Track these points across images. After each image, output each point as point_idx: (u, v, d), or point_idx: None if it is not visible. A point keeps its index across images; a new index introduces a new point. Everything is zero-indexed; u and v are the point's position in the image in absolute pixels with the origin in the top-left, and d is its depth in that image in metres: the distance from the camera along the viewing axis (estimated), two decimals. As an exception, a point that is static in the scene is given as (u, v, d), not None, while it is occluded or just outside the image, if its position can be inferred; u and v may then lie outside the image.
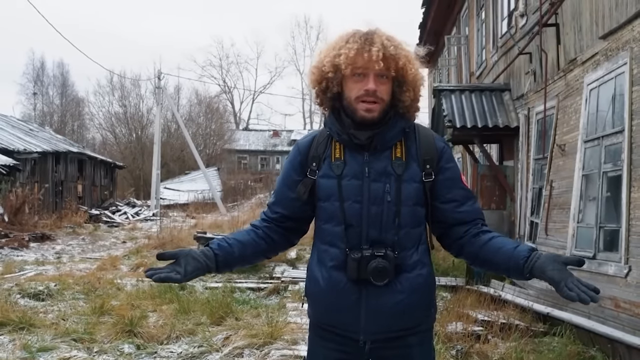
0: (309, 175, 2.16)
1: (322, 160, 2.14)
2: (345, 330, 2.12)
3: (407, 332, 2.14)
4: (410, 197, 2.08)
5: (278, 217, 2.24)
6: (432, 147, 2.14)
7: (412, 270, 2.10)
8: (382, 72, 2.04)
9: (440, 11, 15.57)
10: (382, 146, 2.10)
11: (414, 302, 2.11)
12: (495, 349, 5.54)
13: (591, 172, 6.66)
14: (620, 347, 5.19)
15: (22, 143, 23.68)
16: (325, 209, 2.13)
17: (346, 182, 2.09)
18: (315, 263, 2.18)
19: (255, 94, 65.84)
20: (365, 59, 2.02)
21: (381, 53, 2.02)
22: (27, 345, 5.59)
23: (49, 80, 54.97)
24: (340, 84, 2.10)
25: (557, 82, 7.91)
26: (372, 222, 2.07)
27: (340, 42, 2.09)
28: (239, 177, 45.12)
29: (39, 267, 11.56)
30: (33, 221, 19.16)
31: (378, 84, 2.05)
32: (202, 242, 11.31)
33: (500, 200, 10.19)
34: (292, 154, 2.25)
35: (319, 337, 2.22)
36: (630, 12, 5.74)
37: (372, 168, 2.08)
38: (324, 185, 2.12)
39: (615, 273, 5.71)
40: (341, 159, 2.11)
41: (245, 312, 7.06)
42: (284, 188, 2.23)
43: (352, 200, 2.07)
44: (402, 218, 2.07)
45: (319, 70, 2.12)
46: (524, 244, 2.10)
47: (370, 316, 2.08)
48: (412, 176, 2.10)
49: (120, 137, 48.63)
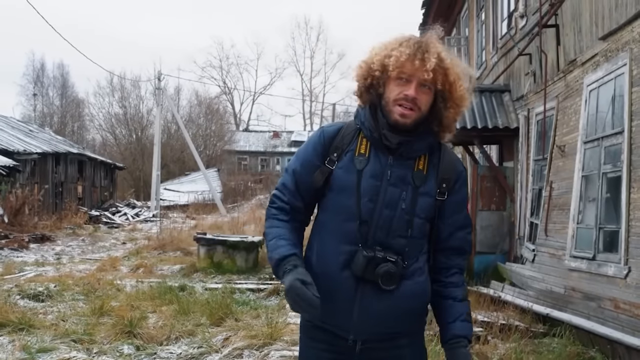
0: (327, 164, 2.13)
1: (344, 152, 2.13)
2: (335, 326, 2.12)
3: (399, 334, 2.14)
4: (423, 210, 2.10)
5: (300, 204, 2.19)
6: (453, 168, 2.15)
7: (411, 277, 2.10)
8: (427, 83, 2.04)
9: (440, 12, 15.54)
10: (408, 155, 2.10)
11: (409, 307, 2.11)
12: (495, 349, 5.54)
13: (591, 173, 6.66)
14: (620, 348, 5.19)
15: (22, 144, 23.68)
16: (337, 201, 2.11)
17: (366, 179, 2.08)
18: (314, 256, 2.15)
19: (255, 95, 65.87)
20: (416, 66, 2.02)
21: (434, 64, 2.02)
22: (27, 346, 5.58)
23: (49, 81, 54.97)
24: (384, 84, 2.10)
25: (557, 83, 7.92)
26: (382, 224, 2.07)
27: (394, 44, 2.08)
28: (239, 178, 45.10)
29: (39, 268, 11.55)
30: (33, 222, 19.15)
31: (419, 92, 2.04)
32: (201, 243, 11.30)
33: (500, 201, 10.20)
34: (315, 137, 2.21)
35: (310, 338, 2.22)
36: (630, 13, 5.75)
37: (394, 172, 2.08)
38: (341, 178, 2.11)
39: (615, 274, 5.71)
40: (365, 156, 2.11)
41: (245, 313, 7.06)
42: (301, 169, 2.18)
43: (367, 199, 2.07)
44: (414, 229, 2.09)
45: (368, 67, 2.12)
46: (462, 324, 2.15)
47: (362, 316, 2.08)
48: (428, 191, 2.11)
49: (120, 138, 48.61)
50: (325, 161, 2.14)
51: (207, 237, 11.48)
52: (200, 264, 11.14)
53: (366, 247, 2.05)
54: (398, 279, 2.05)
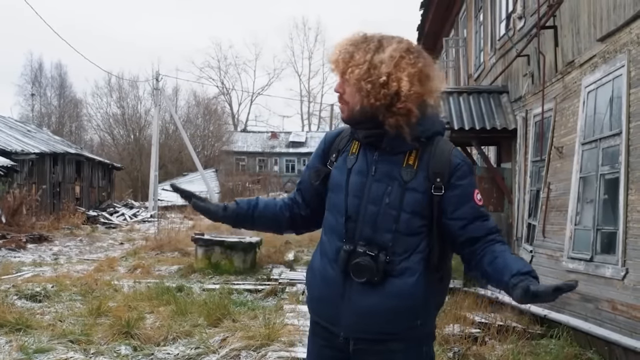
0: (328, 165, 2.26)
1: (340, 154, 2.23)
2: (328, 322, 2.18)
3: (390, 337, 2.11)
4: (410, 205, 2.08)
5: (300, 199, 2.38)
6: (446, 161, 2.10)
7: (399, 276, 2.08)
8: (340, 76, 2.13)
9: (439, 13, 15.56)
10: (393, 149, 2.12)
11: (396, 307, 2.08)
12: (492, 351, 5.55)
13: (589, 175, 6.67)
14: (617, 350, 5.19)
15: (19, 144, 23.64)
16: (331, 199, 2.21)
17: (353, 176, 2.15)
18: (317, 253, 2.26)
19: (253, 96, 65.88)
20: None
21: (334, 55, 2.12)
22: (24, 347, 5.57)
23: (47, 81, 54.89)
24: None
25: (555, 84, 7.92)
26: (367, 220, 2.09)
27: None
28: (237, 179, 45.11)
29: (36, 269, 11.53)
30: (30, 222, 19.12)
31: (345, 87, 2.12)
32: (199, 243, 11.29)
33: (498, 203, 10.20)
34: (320, 143, 2.36)
35: (312, 333, 2.30)
36: (628, 15, 5.75)
37: (378, 168, 2.12)
38: (335, 177, 2.20)
39: (613, 275, 5.71)
40: (355, 155, 2.19)
41: (242, 314, 7.05)
42: (307, 172, 2.36)
43: (352, 195, 2.12)
44: (400, 224, 2.08)
45: None
46: (521, 261, 2.03)
47: (350, 313, 2.10)
48: (417, 186, 2.09)
49: (118, 138, 48.54)
50: (327, 163, 2.27)
51: (205, 238, 11.47)
52: (198, 264, 11.13)
53: (350, 242, 2.09)
54: (375, 273, 2.05)
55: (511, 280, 1.93)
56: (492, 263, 2.04)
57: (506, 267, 1.99)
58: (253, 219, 2.37)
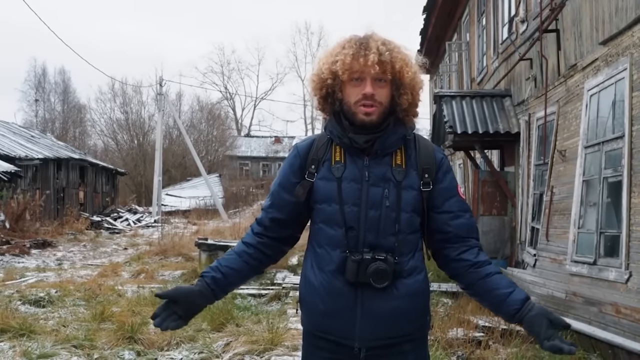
0: (307, 177, 2.16)
1: (321, 163, 2.15)
2: (340, 337, 2.10)
3: (403, 338, 2.12)
4: (409, 204, 2.09)
5: (273, 224, 2.24)
6: (431, 157, 2.16)
7: (409, 276, 2.10)
8: (379, 76, 2.06)
9: (441, 18, 15.59)
10: (383, 151, 2.11)
11: (411, 307, 2.10)
12: (496, 355, 5.53)
13: (592, 178, 6.66)
14: (621, 353, 5.18)
15: (23, 150, 23.72)
16: (323, 211, 2.13)
17: (345, 185, 2.09)
18: (310, 267, 2.17)
19: (256, 101, 65.99)
20: (362, 64, 2.05)
21: (376, 57, 2.04)
22: (28, 352, 5.58)
23: (50, 87, 55.11)
24: (341, 90, 2.12)
25: (558, 87, 7.92)
26: (370, 226, 2.07)
27: (337, 49, 2.12)
28: (240, 184, 45.14)
29: (40, 274, 11.56)
30: (34, 228, 19.17)
31: (376, 87, 2.06)
32: (203, 248, 11.30)
33: (502, 206, 10.19)
34: (290, 157, 2.25)
35: (313, 347, 2.20)
36: (630, 18, 5.75)
37: (372, 172, 2.09)
38: (323, 188, 2.13)
39: (616, 279, 5.70)
40: (341, 162, 2.12)
41: (246, 319, 7.05)
42: (281, 191, 2.23)
43: (350, 204, 2.08)
44: (401, 224, 2.08)
45: (319, 78, 2.15)
46: (517, 289, 2.10)
47: (366, 322, 2.07)
48: (411, 184, 2.11)
49: (121, 143, 48.67)
50: (305, 175, 2.17)
51: (209, 243, 11.49)
52: (202, 269, 10.98)
53: (354, 252, 2.06)
54: (391, 275, 2.04)
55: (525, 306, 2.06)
56: (491, 283, 2.12)
57: (510, 294, 2.09)
58: (233, 285, 2.27)
